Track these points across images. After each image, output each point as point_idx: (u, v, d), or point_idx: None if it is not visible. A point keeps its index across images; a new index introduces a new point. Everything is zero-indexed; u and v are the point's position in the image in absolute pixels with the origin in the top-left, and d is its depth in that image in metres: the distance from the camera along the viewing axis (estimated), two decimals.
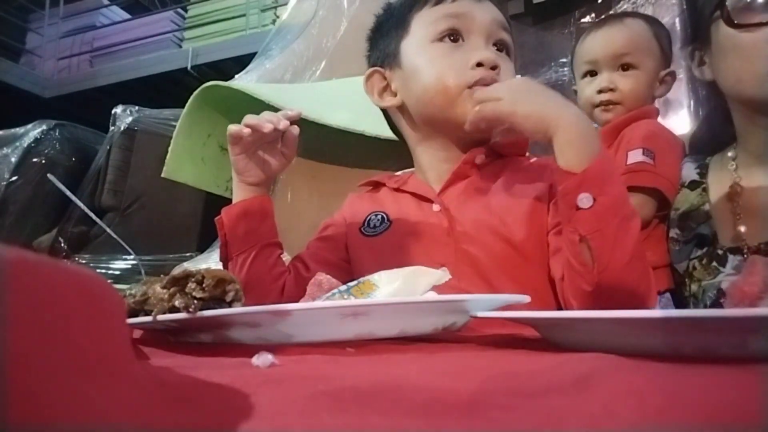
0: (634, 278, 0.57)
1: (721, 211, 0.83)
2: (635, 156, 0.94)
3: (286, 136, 0.68)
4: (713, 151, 0.90)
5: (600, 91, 1.06)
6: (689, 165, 0.93)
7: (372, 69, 0.78)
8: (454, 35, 0.72)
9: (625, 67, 1.05)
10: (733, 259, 0.79)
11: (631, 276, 0.57)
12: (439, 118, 0.72)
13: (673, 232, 0.90)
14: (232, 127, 0.67)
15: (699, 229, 0.85)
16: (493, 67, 0.69)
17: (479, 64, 0.69)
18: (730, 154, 0.85)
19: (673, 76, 1.08)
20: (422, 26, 0.74)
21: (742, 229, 0.79)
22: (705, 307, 0.81)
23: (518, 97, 0.60)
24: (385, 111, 0.83)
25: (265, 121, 0.66)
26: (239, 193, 0.73)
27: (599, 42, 1.08)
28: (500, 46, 0.73)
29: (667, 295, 0.90)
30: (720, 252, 0.81)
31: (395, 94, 0.77)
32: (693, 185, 0.89)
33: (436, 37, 0.72)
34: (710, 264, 0.82)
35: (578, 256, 0.57)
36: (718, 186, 0.86)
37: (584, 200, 0.55)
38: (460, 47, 0.71)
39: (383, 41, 0.79)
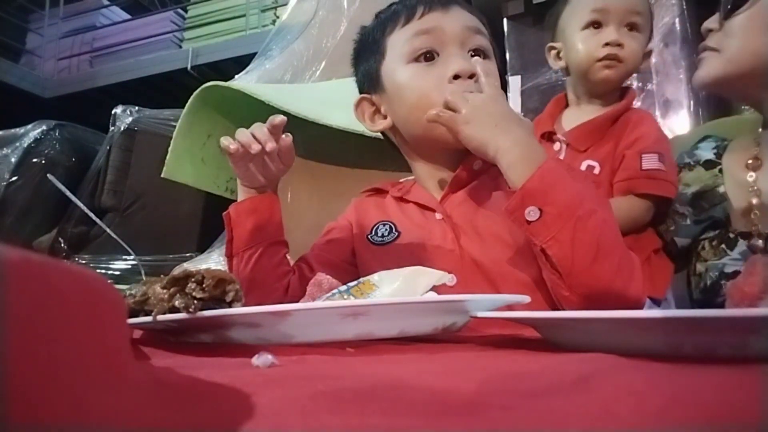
0: (607, 273, 0.58)
1: (736, 194, 0.83)
2: (652, 161, 0.93)
3: (281, 146, 0.68)
4: (727, 107, 0.89)
5: (607, 44, 1.00)
6: (706, 145, 0.92)
7: (360, 97, 0.80)
8: (429, 53, 0.72)
9: (631, 27, 1.01)
10: (742, 244, 0.79)
11: (602, 271, 0.58)
12: (428, 136, 0.72)
13: (684, 209, 0.89)
14: (224, 141, 0.67)
15: (712, 211, 0.84)
16: (471, 76, 0.69)
17: (456, 77, 0.69)
18: (760, 130, 0.84)
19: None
20: (396, 48, 0.74)
21: (756, 213, 0.79)
22: (705, 286, 0.81)
23: (472, 118, 0.63)
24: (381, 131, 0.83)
25: (253, 140, 0.66)
26: (243, 195, 0.73)
27: None
28: (476, 51, 0.73)
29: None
30: (731, 235, 0.81)
31: (385, 117, 0.78)
32: (708, 165, 0.89)
33: (411, 57, 0.72)
34: (719, 246, 0.82)
35: (546, 266, 0.60)
36: (735, 168, 0.85)
37: (531, 213, 0.58)
38: (435, 63, 0.72)
39: (363, 66, 0.80)
